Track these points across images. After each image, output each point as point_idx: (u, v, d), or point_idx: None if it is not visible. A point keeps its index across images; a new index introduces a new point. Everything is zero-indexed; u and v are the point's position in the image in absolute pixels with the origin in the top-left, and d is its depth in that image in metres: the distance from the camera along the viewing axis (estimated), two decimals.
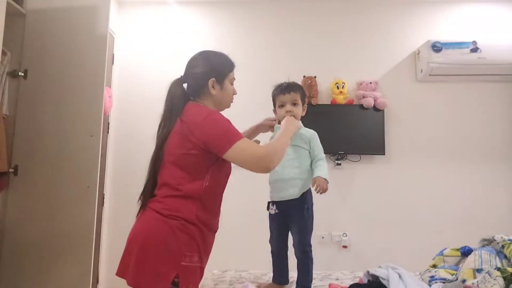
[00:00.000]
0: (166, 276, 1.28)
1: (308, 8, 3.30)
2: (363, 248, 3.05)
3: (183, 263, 1.31)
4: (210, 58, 1.54)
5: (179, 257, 1.31)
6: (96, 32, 2.49)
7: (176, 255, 1.31)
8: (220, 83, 1.50)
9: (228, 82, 1.53)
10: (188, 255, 1.32)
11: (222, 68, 1.53)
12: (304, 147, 1.83)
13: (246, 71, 3.24)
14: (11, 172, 2.37)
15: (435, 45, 3.00)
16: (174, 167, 1.40)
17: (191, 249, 1.34)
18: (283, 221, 1.85)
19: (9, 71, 2.40)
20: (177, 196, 1.38)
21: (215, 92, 1.49)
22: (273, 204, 1.86)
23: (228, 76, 1.54)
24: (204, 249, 1.40)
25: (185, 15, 3.34)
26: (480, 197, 3.08)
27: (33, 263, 2.31)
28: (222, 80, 1.51)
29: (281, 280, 1.91)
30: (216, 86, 1.49)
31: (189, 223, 1.35)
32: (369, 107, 3.07)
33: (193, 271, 1.34)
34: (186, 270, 1.31)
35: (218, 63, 1.53)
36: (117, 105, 3.19)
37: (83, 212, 2.34)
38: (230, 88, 1.55)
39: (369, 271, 1.70)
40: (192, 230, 1.35)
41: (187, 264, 1.31)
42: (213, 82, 1.48)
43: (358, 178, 3.14)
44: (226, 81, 1.53)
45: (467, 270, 1.62)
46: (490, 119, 3.16)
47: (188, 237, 1.34)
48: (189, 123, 1.39)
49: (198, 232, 1.36)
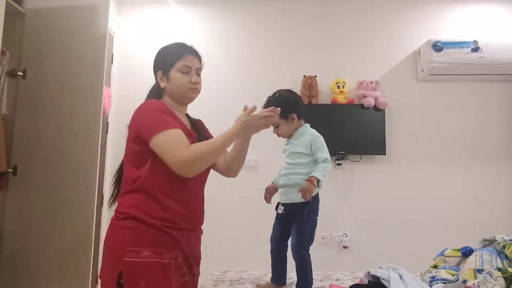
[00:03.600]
0: (112, 275, 1.24)
1: (309, 7, 3.29)
2: (364, 248, 3.04)
3: (126, 259, 1.23)
4: (158, 52, 1.52)
5: (121, 253, 1.24)
6: (96, 31, 2.48)
7: (118, 251, 1.26)
8: (166, 75, 1.45)
9: (174, 72, 1.44)
10: (131, 250, 1.24)
11: (167, 58, 1.46)
12: (306, 152, 1.86)
13: (246, 71, 3.25)
14: (10, 172, 2.35)
15: (436, 44, 2.99)
16: (125, 166, 1.40)
17: (136, 244, 1.25)
18: (287, 222, 1.89)
19: (8, 71, 2.39)
20: (123, 192, 1.36)
21: (163, 84, 1.46)
22: (281, 205, 1.92)
23: (175, 65, 1.44)
24: (162, 244, 1.28)
25: (184, 14, 3.33)
26: (481, 197, 3.07)
27: (32, 263, 2.30)
28: (168, 71, 1.45)
29: (279, 281, 1.91)
30: (163, 78, 1.46)
31: (130, 218, 1.28)
32: (369, 106, 3.07)
33: (144, 267, 1.24)
34: (132, 266, 1.23)
35: (163, 54, 1.50)
36: (116, 104, 3.18)
37: (82, 212, 2.33)
38: (178, 76, 1.43)
39: (369, 271, 1.69)
40: (134, 224, 1.28)
41: (132, 259, 1.23)
42: (160, 75, 1.46)
43: (358, 178, 3.13)
44: (172, 71, 1.44)
45: (468, 270, 1.61)
46: (490, 119, 3.16)
47: (131, 232, 1.27)
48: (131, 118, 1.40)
49: (143, 226, 1.27)
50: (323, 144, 1.87)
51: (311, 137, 1.88)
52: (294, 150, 1.89)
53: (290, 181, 1.86)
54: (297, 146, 1.89)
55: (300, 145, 1.88)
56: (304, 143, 1.87)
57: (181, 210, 1.34)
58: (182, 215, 1.34)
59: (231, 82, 3.22)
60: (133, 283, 1.23)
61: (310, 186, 1.73)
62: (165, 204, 1.31)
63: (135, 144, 1.35)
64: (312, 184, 1.74)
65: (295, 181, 1.83)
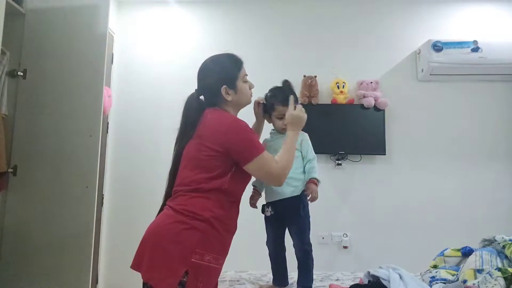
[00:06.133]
0: (175, 271, 1.28)
1: (309, 7, 3.29)
2: (364, 248, 3.04)
3: (193, 260, 1.29)
4: (217, 64, 1.53)
5: (189, 253, 1.29)
6: (96, 31, 2.48)
7: (186, 251, 1.30)
8: (233, 87, 1.50)
9: (240, 82, 1.53)
10: (199, 252, 1.31)
11: (230, 71, 1.52)
12: (297, 148, 1.83)
13: (246, 71, 3.25)
14: (10, 172, 2.36)
15: (436, 44, 2.99)
16: (193, 168, 1.41)
17: (203, 247, 1.32)
18: (279, 223, 1.86)
19: (8, 71, 2.39)
20: (194, 194, 1.38)
21: (230, 98, 1.49)
22: (268, 206, 1.85)
23: (239, 76, 1.52)
24: (219, 250, 1.38)
25: (184, 15, 3.33)
26: (481, 197, 3.07)
27: (33, 263, 2.31)
28: (234, 83, 1.50)
29: (281, 282, 1.90)
30: (229, 91, 1.49)
31: (203, 221, 1.34)
32: (369, 106, 3.06)
33: (205, 270, 1.32)
34: (196, 267, 1.30)
35: (225, 67, 1.52)
36: (116, 104, 3.18)
37: (82, 212, 2.33)
38: (244, 86, 1.54)
39: (369, 271, 1.69)
40: (205, 228, 1.34)
41: (198, 261, 1.30)
42: (226, 89, 1.48)
43: (358, 178, 3.13)
44: (238, 82, 1.52)
45: (468, 270, 1.61)
46: (491, 119, 3.16)
47: (201, 234, 1.33)
48: (211, 128, 1.42)
49: (212, 231, 1.35)
50: (310, 143, 1.89)
51: (301, 135, 1.86)
52: None
53: None
54: None
55: None
56: None
57: (237, 215, 1.50)
58: (236, 219, 1.49)
59: None
60: (194, 283, 1.29)
61: (316, 188, 1.78)
62: (232, 210, 1.45)
63: (215, 153, 1.39)
64: (316, 185, 1.79)
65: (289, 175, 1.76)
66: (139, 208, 2.99)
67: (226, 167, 1.41)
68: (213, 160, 1.39)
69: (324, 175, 1.87)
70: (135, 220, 2.88)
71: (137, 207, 3.04)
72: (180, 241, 1.31)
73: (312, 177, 1.80)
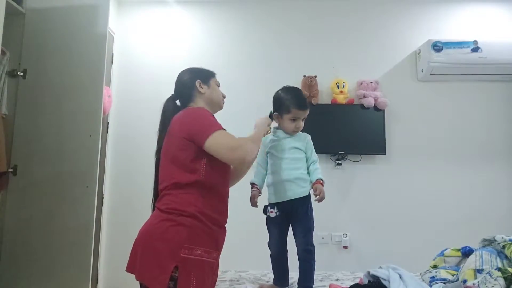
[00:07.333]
0: (165, 268, 1.30)
1: (309, 7, 3.29)
2: (364, 248, 3.04)
3: (182, 255, 1.32)
4: (192, 69, 1.66)
5: (177, 249, 1.32)
6: (96, 31, 2.48)
7: (175, 246, 1.33)
8: (206, 83, 1.61)
9: (213, 82, 1.64)
10: (187, 247, 1.33)
11: (205, 72, 1.65)
12: (302, 148, 1.89)
13: (246, 71, 3.25)
14: (10, 172, 2.36)
15: (436, 44, 2.99)
16: (170, 165, 1.45)
17: (192, 242, 1.34)
18: (285, 223, 1.88)
19: (8, 71, 2.39)
20: (175, 191, 1.41)
21: (203, 90, 1.59)
22: (272, 206, 1.85)
23: (212, 79, 1.65)
24: (210, 244, 1.40)
25: (184, 14, 3.33)
26: (481, 197, 3.07)
27: (32, 263, 2.31)
28: (208, 80, 1.62)
29: (282, 283, 1.91)
30: (203, 85, 1.60)
31: (188, 216, 1.37)
32: (369, 106, 3.06)
33: (197, 264, 1.34)
34: (186, 262, 1.32)
35: (200, 70, 1.66)
36: (116, 104, 3.18)
37: (82, 212, 2.33)
38: (217, 88, 1.65)
39: (369, 271, 1.70)
40: (192, 222, 1.37)
41: (187, 256, 1.32)
42: (200, 83, 1.59)
43: (358, 178, 3.13)
44: (212, 81, 1.64)
45: (468, 270, 1.61)
46: (491, 119, 3.15)
47: (188, 230, 1.35)
48: (177, 122, 1.48)
49: (200, 225, 1.38)
50: (313, 145, 1.94)
51: (305, 136, 1.93)
52: (294, 145, 1.88)
53: (291, 176, 1.82)
54: (296, 141, 1.89)
55: (299, 141, 1.90)
56: (301, 140, 1.91)
57: (224, 208, 1.51)
58: (223, 213, 1.51)
59: (230, 82, 3.19)
60: (186, 278, 1.31)
61: (323, 188, 1.81)
62: (216, 203, 1.47)
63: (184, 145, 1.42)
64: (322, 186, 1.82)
65: (296, 176, 1.83)
66: (139, 208, 2.96)
67: (197, 155, 1.42)
68: (183, 151, 1.42)
69: (324, 175, 1.87)
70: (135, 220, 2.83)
71: (137, 207, 3.03)
72: (168, 238, 1.34)
73: (319, 178, 1.83)
